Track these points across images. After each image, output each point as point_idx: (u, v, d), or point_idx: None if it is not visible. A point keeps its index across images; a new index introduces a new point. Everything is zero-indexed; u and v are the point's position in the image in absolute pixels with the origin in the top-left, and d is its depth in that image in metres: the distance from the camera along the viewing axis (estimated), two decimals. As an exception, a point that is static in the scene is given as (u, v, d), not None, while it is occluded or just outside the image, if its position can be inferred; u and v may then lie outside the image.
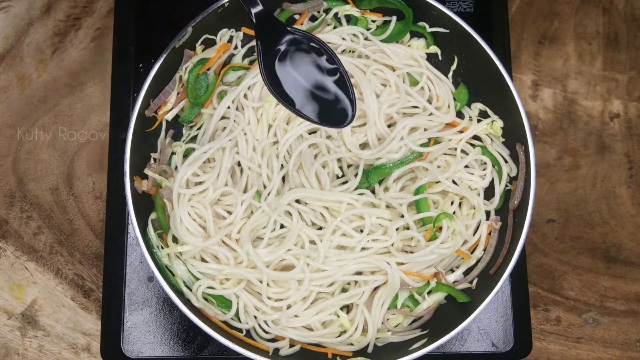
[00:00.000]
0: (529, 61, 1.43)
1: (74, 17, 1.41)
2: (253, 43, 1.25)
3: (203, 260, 1.17)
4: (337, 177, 1.22)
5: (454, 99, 1.26)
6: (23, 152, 1.35)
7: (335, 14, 1.26)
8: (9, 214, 1.33)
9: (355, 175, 1.19)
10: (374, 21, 1.27)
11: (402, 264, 1.16)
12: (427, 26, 1.26)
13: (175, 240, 1.17)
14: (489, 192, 1.23)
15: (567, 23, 1.46)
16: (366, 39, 1.25)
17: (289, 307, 1.15)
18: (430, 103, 1.24)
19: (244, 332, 1.15)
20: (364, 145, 1.22)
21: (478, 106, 1.25)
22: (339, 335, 1.16)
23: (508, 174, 1.22)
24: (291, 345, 1.15)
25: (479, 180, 1.22)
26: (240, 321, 1.15)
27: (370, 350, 1.16)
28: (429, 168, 1.18)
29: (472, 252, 1.21)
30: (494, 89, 1.20)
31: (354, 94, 1.05)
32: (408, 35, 1.27)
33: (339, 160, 1.22)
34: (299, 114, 1.04)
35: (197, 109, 1.24)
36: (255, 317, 1.15)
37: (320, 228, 1.19)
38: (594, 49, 1.45)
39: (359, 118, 1.21)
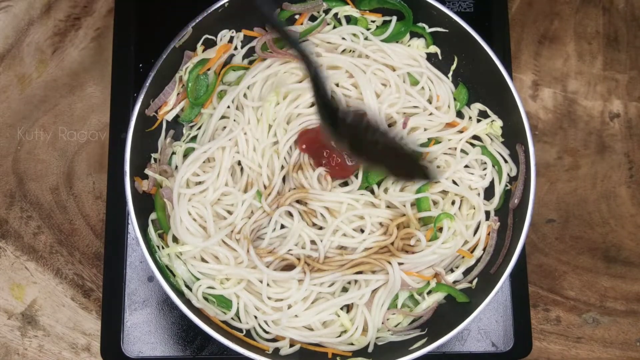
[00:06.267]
0: (529, 61, 1.43)
1: (74, 17, 1.41)
2: (253, 43, 1.25)
3: (203, 260, 1.17)
4: (337, 177, 1.22)
5: (454, 99, 1.26)
6: (23, 152, 1.35)
7: (335, 14, 1.26)
8: (9, 214, 1.33)
9: (357, 176, 1.19)
10: (373, 21, 1.27)
11: (403, 264, 1.16)
12: (426, 27, 1.26)
13: (175, 240, 1.17)
14: (488, 192, 1.23)
15: (567, 23, 1.46)
16: (366, 38, 1.25)
17: (289, 307, 1.15)
18: (430, 103, 1.23)
19: (244, 332, 1.15)
20: (364, 145, 1.22)
21: (478, 106, 1.25)
22: (339, 335, 1.16)
23: (508, 174, 1.22)
24: (291, 345, 1.15)
25: (479, 180, 1.22)
26: (240, 321, 1.15)
27: (370, 350, 1.16)
28: (428, 167, 1.18)
29: (471, 252, 1.21)
30: (494, 88, 1.20)
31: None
32: (408, 35, 1.27)
33: (339, 160, 1.22)
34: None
35: (197, 109, 1.24)
36: (256, 317, 1.15)
37: (321, 228, 1.19)
38: (594, 49, 1.45)
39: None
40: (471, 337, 1.25)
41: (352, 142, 0.90)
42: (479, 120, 1.24)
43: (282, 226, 1.19)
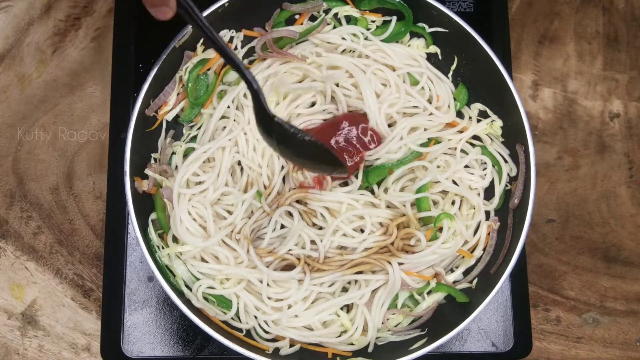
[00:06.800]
0: (529, 61, 1.43)
1: (74, 17, 1.41)
2: (253, 43, 1.25)
3: (203, 260, 1.17)
4: (337, 177, 1.22)
5: (454, 99, 1.26)
6: (23, 152, 1.35)
7: (335, 14, 1.26)
8: (9, 214, 1.33)
9: (357, 176, 1.19)
10: (373, 21, 1.27)
11: (403, 264, 1.16)
12: (426, 27, 1.26)
13: (175, 240, 1.17)
14: (488, 192, 1.23)
15: (567, 23, 1.46)
16: (366, 38, 1.25)
17: (289, 307, 1.15)
18: (430, 103, 1.24)
19: (244, 332, 1.15)
20: (364, 145, 1.22)
21: (478, 106, 1.25)
22: (339, 335, 1.16)
23: (508, 174, 1.22)
24: (291, 345, 1.15)
25: (479, 180, 1.22)
26: (240, 321, 1.15)
27: (370, 350, 1.16)
28: (428, 167, 1.18)
29: (471, 252, 1.21)
30: (494, 88, 1.20)
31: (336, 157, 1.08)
32: (408, 35, 1.27)
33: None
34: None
35: (197, 109, 1.24)
36: (256, 317, 1.15)
37: (321, 228, 1.19)
38: (594, 49, 1.45)
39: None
40: (471, 337, 1.25)
41: (282, 145, 1.04)
42: (479, 120, 1.24)
43: (282, 226, 1.19)
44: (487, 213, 1.22)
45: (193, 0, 0.94)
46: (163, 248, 1.16)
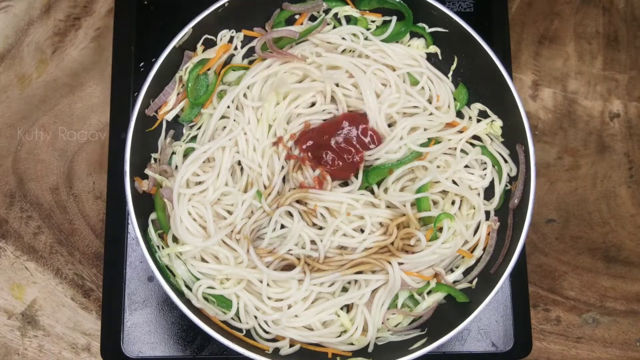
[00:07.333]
0: (529, 61, 1.44)
1: (74, 17, 1.41)
2: (253, 43, 1.25)
3: (203, 260, 1.17)
4: (337, 177, 1.22)
5: (454, 99, 1.26)
6: (23, 152, 1.35)
7: (335, 14, 1.26)
8: (9, 214, 1.33)
9: (357, 176, 1.19)
10: (373, 21, 1.27)
11: (403, 263, 1.16)
12: (426, 27, 1.26)
13: (175, 240, 1.17)
14: (488, 192, 1.23)
15: (567, 23, 1.46)
16: (366, 38, 1.25)
17: (289, 307, 1.15)
18: (430, 103, 1.23)
19: (244, 332, 1.15)
20: (364, 145, 1.22)
21: (478, 106, 1.25)
22: (339, 335, 1.16)
23: (508, 174, 1.22)
24: (291, 345, 1.15)
25: (479, 180, 1.22)
26: (240, 321, 1.15)
27: (370, 350, 1.16)
28: (428, 167, 1.18)
29: (471, 252, 1.21)
30: (494, 88, 1.20)
31: None
32: (408, 35, 1.27)
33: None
34: None
35: (197, 109, 1.24)
36: (256, 317, 1.15)
37: (321, 228, 1.19)
38: (594, 49, 1.45)
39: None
40: (471, 337, 1.25)
41: None
42: (479, 120, 1.24)
43: (282, 226, 1.19)
44: (487, 213, 1.22)
45: (193, 0, 0.93)
46: (163, 248, 1.16)
